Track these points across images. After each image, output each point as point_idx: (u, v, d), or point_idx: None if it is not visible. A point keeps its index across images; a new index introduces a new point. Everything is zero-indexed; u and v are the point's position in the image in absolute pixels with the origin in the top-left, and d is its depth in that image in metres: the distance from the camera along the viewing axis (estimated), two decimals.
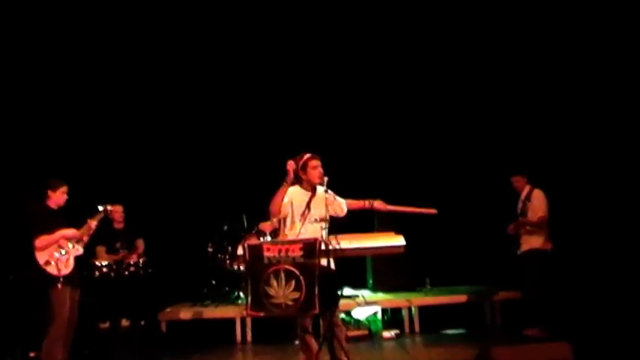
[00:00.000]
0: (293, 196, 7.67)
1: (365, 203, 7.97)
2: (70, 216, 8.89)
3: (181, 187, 12.61)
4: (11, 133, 11.55)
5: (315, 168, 7.64)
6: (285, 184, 7.58)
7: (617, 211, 10.47)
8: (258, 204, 10.56)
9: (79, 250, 8.80)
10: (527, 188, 10.41)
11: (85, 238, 8.87)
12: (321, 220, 7.49)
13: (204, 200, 12.43)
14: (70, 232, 8.70)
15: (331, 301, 7.50)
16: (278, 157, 7.97)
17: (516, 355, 6.31)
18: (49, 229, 8.54)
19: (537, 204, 10.22)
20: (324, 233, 7.30)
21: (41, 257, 8.42)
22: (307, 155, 7.72)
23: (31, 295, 9.14)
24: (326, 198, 7.49)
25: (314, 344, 7.56)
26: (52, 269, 8.42)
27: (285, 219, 7.81)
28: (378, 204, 7.97)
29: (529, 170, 10.59)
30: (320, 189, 7.59)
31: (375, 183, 12.07)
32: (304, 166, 7.67)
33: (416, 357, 9.22)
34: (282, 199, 7.63)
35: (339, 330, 7.62)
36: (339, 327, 7.69)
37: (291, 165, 7.57)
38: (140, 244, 11.02)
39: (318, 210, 7.56)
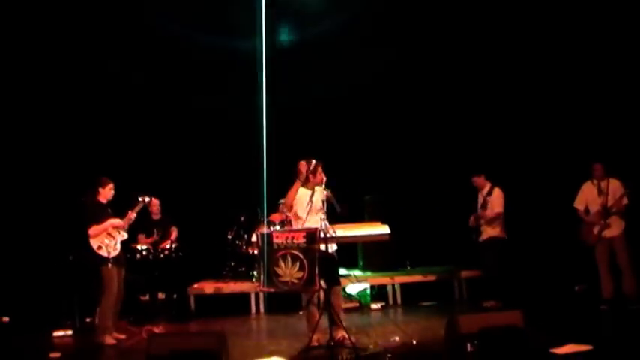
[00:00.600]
0: (299, 195, 7.89)
1: None
2: (118, 206, 9.15)
3: (207, 185, 12.62)
4: (72, 140, 11.74)
5: (322, 173, 7.86)
6: (298, 181, 7.81)
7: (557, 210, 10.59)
8: (269, 199, 10.83)
9: (124, 235, 9.06)
10: (488, 186, 10.39)
11: (127, 225, 9.12)
12: (320, 210, 7.71)
13: (225, 196, 12.48)
14: (116, 221, 8.94)
15: (331, 278, 7.76)
16: (284, 161, 8.11)
17: (479, 321, 6.33)
18: (100, 220, 8.80)
19: (496, 201, 10.20)
20: (324, 224, 7.49)
21: (94, 243, 8.69)
22: (314, 162, 7.89)
23: (86, 272, 9.32)
24: (325, 193, 7.71)
25: (316, 313, 7.75)
26: (103, 252, 8.69)
27: (293, 212, 8.01)
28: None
29: (490, 171, 10.55)
30: (318, 187, 7.82)
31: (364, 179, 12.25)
32: (314, 171, 7.87)
33: (398, 324, 9.32)
34: (296, 194, 7.84)
35: (337, 300, 7.83)
36: (338, 298, 7.92)
37: (303, 166, 7.81)
38: (174, 231, 11.18)
39: (318, 203, 7.78)
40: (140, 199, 9.24)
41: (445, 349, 6.70)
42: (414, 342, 7.69)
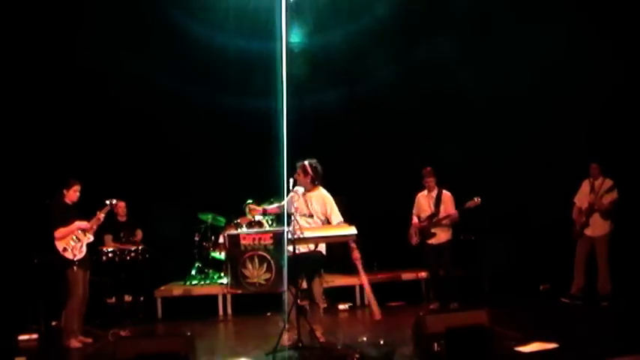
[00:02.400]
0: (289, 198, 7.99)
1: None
2: (84, 209, 9.03)
3: (174, 187, 12.56)
4: (37, 140, 11.50)
5: (299, 175, 7.99)
6: None
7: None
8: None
9: (90, 238, 8.94)
10: (436, 189, 10.17)
11: (95, 227, 9.01)
12: (305, 214, 7.81)
13: (192, 198, 12.42)
14: (83, 223, 8.83)
15: (313, 274, 7.92)
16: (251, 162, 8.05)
17: (445, 321, 6.39)
18: (65, 222, 8.69)
19: (450, 203, 10.03)
20: (293, 225, 7.45)
21: (59, 245, 8.58)
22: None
23: (52, 275, 9.20)
24: (291, 196, 7.72)
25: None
26: (68, 255, 8.58)
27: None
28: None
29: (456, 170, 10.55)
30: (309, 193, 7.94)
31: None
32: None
33: (366, 325, 9.35)
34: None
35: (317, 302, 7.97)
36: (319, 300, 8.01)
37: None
38: (139, 233, 11.08)
39: (301, 205, 7.86)
40: (107, 201, 9.14)
41: (413, 348, 6.74)
42: (382, 342, 7.69)
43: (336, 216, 8.03)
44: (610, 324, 8.30)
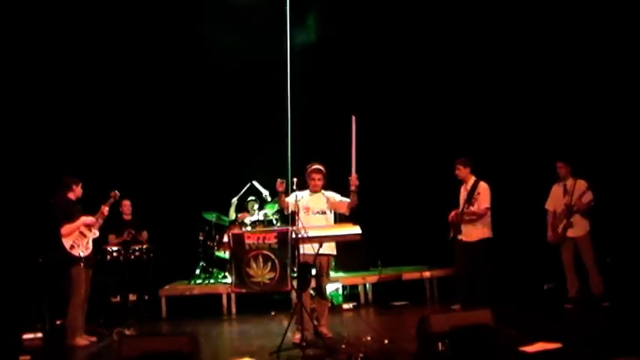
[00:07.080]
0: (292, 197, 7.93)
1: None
2: (89, 208, 9.06)
3: (178, 186, 12.57)
4: (39, 140, 11.52)
5: (312, 179, 8.03)
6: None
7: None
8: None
9: (96, 233, 9.01)
10: (472, 179, 9.70)
11: (100, 221, 9.06)
12: (317, 213, 7.92)
13: (197, 197, 12.43)
14: (89, 219, 8.88)
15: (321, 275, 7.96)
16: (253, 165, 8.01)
17: (450, 320, 6.38)
18: (71, 218, 8.74)
19: (484, 196, 9.52)
20: (298, 224, 7.45)
21: (67, 242, 8.63)
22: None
23: (56, 274, 9.21)
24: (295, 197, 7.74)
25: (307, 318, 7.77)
26: (75, 252, 8.60)
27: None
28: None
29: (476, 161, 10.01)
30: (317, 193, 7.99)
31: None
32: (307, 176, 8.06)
33: (370, 324, 9.33)
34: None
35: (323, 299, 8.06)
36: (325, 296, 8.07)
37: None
38: (144, 234, 11.11)
39: (312, 205, 7.94)
40: (111, 193, 9.18)
41: (417, 348, 6.73)
42: (386, 342, 7.68)
43: (342, 199, 8.11)
44: (613, 324, 8.29)
